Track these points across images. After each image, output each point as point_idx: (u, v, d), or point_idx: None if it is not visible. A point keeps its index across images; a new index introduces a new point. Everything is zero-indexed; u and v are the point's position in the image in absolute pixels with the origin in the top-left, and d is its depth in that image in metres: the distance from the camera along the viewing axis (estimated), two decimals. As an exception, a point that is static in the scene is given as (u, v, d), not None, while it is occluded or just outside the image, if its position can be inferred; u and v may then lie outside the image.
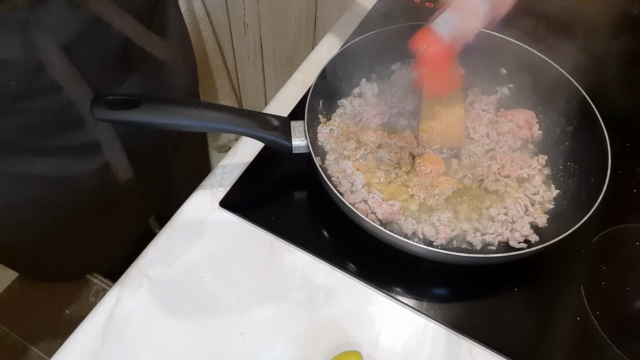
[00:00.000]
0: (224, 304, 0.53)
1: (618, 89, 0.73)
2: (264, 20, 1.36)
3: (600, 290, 0.55)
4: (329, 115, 0.65)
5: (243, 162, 0.63)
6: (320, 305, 0.53)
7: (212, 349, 0.50)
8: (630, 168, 0.64)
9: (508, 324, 0.52)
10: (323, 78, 0.61)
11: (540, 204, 0.58)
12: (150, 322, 0.51)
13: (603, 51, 0.76)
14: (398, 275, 0.55)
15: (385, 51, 0.68)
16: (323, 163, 0.59)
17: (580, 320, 0.53)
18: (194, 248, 0.56)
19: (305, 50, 1.40)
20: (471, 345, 0.51)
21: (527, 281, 0.55)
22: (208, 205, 0.60)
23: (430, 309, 0.53)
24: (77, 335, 0.50)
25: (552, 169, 0.61)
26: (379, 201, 0.56)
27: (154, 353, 0.50)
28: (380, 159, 0.60)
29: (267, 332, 0.51)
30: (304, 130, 0.55)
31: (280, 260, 0.56)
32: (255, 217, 0.58)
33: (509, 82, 0.68)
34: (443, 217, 0.56)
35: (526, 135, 0.63)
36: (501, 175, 0.60)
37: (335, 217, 0.57)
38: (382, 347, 0.51)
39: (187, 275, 0.54)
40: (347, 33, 0.78)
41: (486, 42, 0.66)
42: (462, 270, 0.55)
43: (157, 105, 0.51)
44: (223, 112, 0.52)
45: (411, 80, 0.68)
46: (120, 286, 0.53)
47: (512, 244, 0.54)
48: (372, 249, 0.55)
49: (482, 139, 0.63)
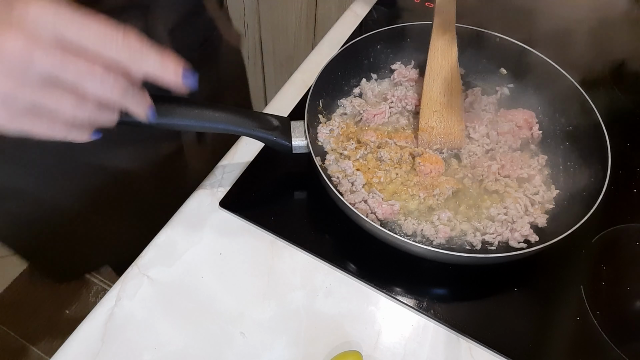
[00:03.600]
0: (224, 304, 0.53)
1: (618, 89, 0.73)
2: (264, 20, 1.36)
3: (600, 290, 0.55)
4: (329, 115, 0.65)
5: (243, 162, 0.63)
6: (320, 305, 0.53)
7: (212, 349, 0.50)
8: (630, 168, 0.64)
9: (508, 324, 0.52)
10: (323, 78, 0.61)
11: (540, 204, 0.58)
12: (150, 322, 0.51)
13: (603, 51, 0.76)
14: (398, 275, 0.55)
15: (385, 51, 0.68)
16: (323, 163, 0.59)
17: (580, 320, 0.53)
18: (194, 248, 0.56)
19: (305, 50, 1.40)
20: (471, 345, 0.51)
21: (527, 281, 0.55)
22: (208, 205, 0.60)
23: (430, 309, 0.53)
24: (77, 335, 0.50)
25: (552, 169, 0.61)
26: (379, 201, 0.56)
27: (154, 353, 0.50)
28: (380, 158, 0.60)
29: (267, 332, 0.51)
30: (304, 130, 0.55)
31: (280, 260, 0.56)
32: (255, 217, 0.58)
33: (509, 82, 0.68)
34: (443, 217, 0.56)
35: (526, 135, 0.63)
36: (501, 175, 0.60)
37: (335, 217, 0.57)
38: (382, 347, 0.51)
39: (187, 275, 0.54)
40: (347, 33, 0.78)
41: (486, 42, 0.66)
42: (462, 270, 0.55)
43: (157, 105, 0.51)
44: (223, 112, 0.52)
45: (411, 80, 0.68)
46: (120, 286, 0.53)
47: (512, 244, 0.54)
48: (372, 249, 0.55)
49: (482, 139, 0.63)
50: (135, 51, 0.34)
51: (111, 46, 0.33)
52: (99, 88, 0.34)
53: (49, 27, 0.32)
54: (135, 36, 0.34)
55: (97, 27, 0.33)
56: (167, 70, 0.35)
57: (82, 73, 0.33)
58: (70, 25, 0.32)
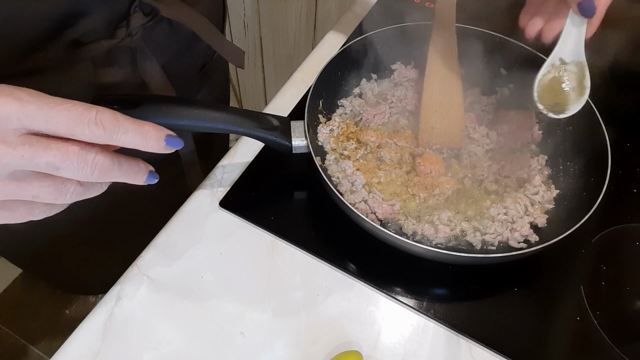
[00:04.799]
0: (224, 303, 0.53)
1: (618, 89, 0.73)
2: (264, 20, 1.36)
3: (600, 290, 0.55)
4: (329, 115, 0.65)
5: (243, 162, 0.63)
6: (320, 305, 0.53)
7: (212, 349, 0.50)
8: (630, 168, 0.64)
9: (508, 324, 0.52)
10: (323, 78, 0.61)
11: (540, 204, 0.58)
12: (150, 322, 0.51)
13: (603, 51, 0.76)
14: (398, 275, 0.55)
15: (385, 51, 0.68)
16: (323, 163, 0.59)
17: (580, 320, 0.53)
18: (194, 248, 0.56)
19: (305, 50, 1.40)
20: (471, 345, 0.51)
21: (527, 281, 0.55)
22: (208, 205, 0.60)
23: (430, 309, 0.53)
24: (77, 335, 0.50)
25: (552, 169, 0.61)
26: (379, 201, 0.56)
27: (154, 353, 0.50)
28: (380, 159, 0.60)
29: (267, 332, 0.51)
30: (304, 130, 0.55)
31: (280, 260, 0.56)
32: (255, 217, 0.58)
33: (509, 82, 0.68)
34: (443, 217, 0.56)
35: (526, 136, 0.63)
36: (501, 176, 0.60)
37: (336, 217, 0.57)
38: (382, 347, 0.51)
39: (187, 275, 0.54)
40: (347, 33, 0.78)
41: (486, 42, 0.66)
42: (462, 270, 0.55)
43: (157, 105, 0.51)
44: (223, 112, 0.52)
45: (411, 80, 0.68)
46: (120, 286, 0.53)
47: (512, 244, 0.54)
48: (372, 249, 0.55)
49: (482, 139, 0.63)
50: (112, 128, 0.32)
51: (84, 129, 0.31)
52: (78, 172, 0.32)
53: (13, 121, 0.30)
54: (109, 113, 0.32)
55: (66, 113, 0.31)
56: (149, 139, 0.34)
57: (56, 161, 0.31)
58: (37, 115, 0.31)
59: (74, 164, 0.32)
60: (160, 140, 0.35)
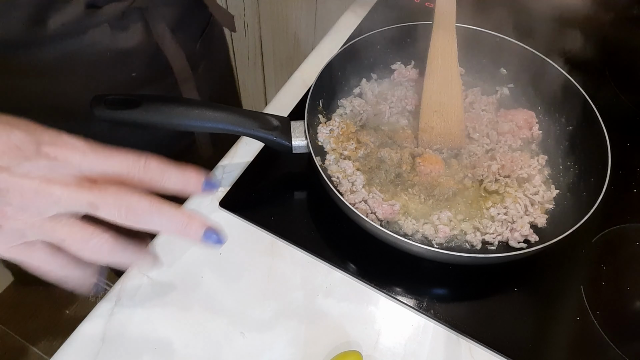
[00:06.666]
0: (224, 303, 0.53)
1: (618, 89, 0.73)
2: (264, 20, 1.36)
3: (600, 290, 0.55)
4: (329, 115, 0.65)
5: (243, 162, 0.63)
6: (320, 305, 0.53)
7: (212, 349, 0.50)
8: (630, 168, 0.64)
9: (508, 324, 0.52)
10: (323, 78, 0.61)
11: (540, 204, 0.58)
12: (150, 322, 0.51)
13: (603, 51, 0.76)
14: (398, 275, 0.55)
15: (385, 51, 0.68)
16: (323, 163, 0.59)
17: (580, 320, 0.53)
18: (194, 248, 0.56)
19: (305, 50, 1.40)
20: (471, 345, 0.51)
21: (527, 281, 0.55)
22: (208, 205, 0.60)
23: (430, 309, 0.53)
24: (77, 335, 0.50)
25: (552, 169, 0.61)
26: (379, 201, 0.56)
27: (154, 353, 0.50)
28: (380, 158, 0.60)
29: (267, 332, 0.51)
30: (304, 130, 0.55)
31: (280, 260, 0.56)
32: (255, 217, 0.58)
33: (509, 82, 0.68)
34: (443, 217, 0.56)
35: (526, 135, 0.63)
36: (501, 175, 0.60)
37: (335, 217, 0.57)
38: (382, 347, 0.51)
39: (187, 275, 0.54)
40: (347, 33, 0.78)
41: (486, 42, 0.66)
42: (462, 270, 0.55)
43: (157, 105, 0.51)
44: (223, 111, 0.52)
45: (411, 80, 0.68)
46: (120, 286, 0.53)
47: (512, 244, 0.54)
48: (372, 249, 0.55)
49: (482, 139, 0.63)
50: (157, 173, 0.36)
51: (134, 173, 0.35)
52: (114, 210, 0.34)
53: (75, 166, 0.34)
54: (156, 160, 0.36)
55: (119, 159, 0.35)
56: (190, 183, 0.37)
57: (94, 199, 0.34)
58: (95, 162, 0.34)
59: (110, 200, 0.34)
60: (199, 183, 0.37)
